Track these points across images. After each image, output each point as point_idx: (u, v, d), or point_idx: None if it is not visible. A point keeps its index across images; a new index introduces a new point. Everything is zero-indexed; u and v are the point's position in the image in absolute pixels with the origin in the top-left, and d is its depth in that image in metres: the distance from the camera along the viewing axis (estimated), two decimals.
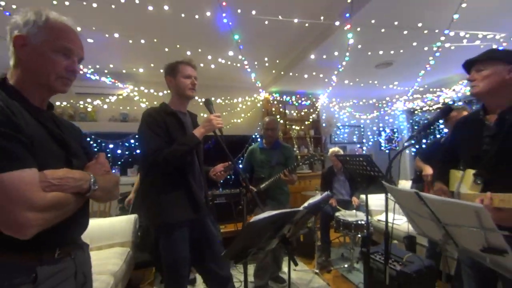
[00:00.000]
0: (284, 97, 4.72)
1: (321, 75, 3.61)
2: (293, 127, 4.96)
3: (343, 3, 1.87)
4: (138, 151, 4.01)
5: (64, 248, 0.81)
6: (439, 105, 4.35)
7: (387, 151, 5.14)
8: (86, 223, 0.93)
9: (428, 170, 2.43)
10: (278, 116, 4.76)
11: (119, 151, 4.04)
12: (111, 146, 3.96)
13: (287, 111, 5.01)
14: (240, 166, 2.91)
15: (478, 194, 1.19)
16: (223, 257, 1.44)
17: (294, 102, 4.77)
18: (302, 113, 5.02)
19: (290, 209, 0.98)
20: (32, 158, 0.69)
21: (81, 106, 3.81)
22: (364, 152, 5.44)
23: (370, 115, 5.20)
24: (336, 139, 5.42)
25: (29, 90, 0.80)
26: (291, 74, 3.54)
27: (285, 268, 2.95)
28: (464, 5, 1.66)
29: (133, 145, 4.04)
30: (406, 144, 1.60)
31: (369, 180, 1.89)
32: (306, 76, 3.59)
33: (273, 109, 4.83)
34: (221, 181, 1.73)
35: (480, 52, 1.30)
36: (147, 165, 1.49)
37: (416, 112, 5.12)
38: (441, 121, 2.63)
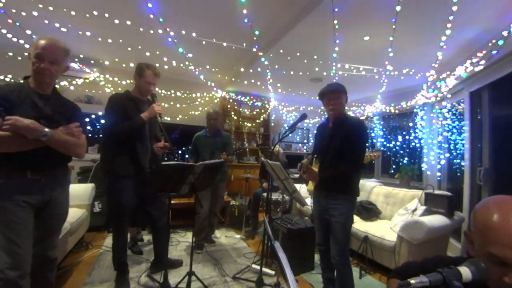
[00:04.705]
0: (240, 96, 5.36)
1: (258, 83, 4.40)
2: (246, 123, 5.67)
3: (259, 37, 2.58)
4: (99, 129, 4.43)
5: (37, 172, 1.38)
6: (363, 116, 5.41)
7: None
8: (57, 162, 1.46)
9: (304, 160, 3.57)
10: (232, 113, 5.46)
11: None
12: None
13: (241, 109, 5.67)
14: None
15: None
16: (156, 198, 2.07)
17: (248, 102, 5.46)
18: (254, 112, 5.73)
19: (188, 163, 1.66)
20: (4, 114, 1.25)
21: None
22: (305, 150, 6.37)
23: (313, 120, 6.14)
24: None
25: (33, 80, 1.42)
26: (233, 79, 4.27)
27: (218, 234, 3.67)
28: (336, 48, 2.50)
29: (97, 125, 4.45)
30: (280, 139, 2.39)
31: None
32: (246, 82, 4.36)
33: (229, 106, 5.46)
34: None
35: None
36: (106, 134, 2.04)
37: None
38: None
